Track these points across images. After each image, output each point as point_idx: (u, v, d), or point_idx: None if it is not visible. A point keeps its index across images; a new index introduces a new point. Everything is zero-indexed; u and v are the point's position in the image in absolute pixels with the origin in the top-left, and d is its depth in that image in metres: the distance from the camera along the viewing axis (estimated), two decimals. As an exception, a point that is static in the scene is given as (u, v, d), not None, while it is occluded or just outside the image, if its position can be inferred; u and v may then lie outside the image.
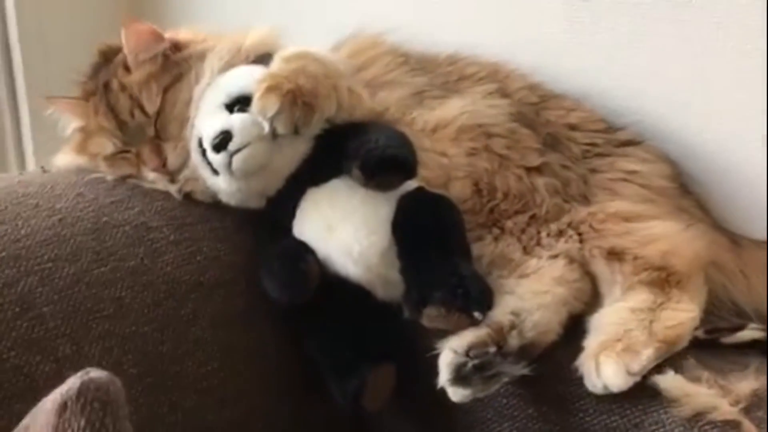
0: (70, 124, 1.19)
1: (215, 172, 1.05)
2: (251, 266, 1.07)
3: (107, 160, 1.13)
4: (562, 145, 1.14)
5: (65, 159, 1.19)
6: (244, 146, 1.00)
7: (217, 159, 1.01)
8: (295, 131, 0.99)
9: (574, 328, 0.98)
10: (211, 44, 1.13)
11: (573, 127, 1.16)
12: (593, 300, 1.01)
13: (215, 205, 1.11)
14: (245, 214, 1.12)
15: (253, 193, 1.08)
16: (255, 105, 0.98)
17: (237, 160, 1.00)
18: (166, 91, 1.10)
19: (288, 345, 1.05)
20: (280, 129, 0.97)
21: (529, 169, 1.10)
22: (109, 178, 1.12)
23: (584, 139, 1.15)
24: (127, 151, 1.13)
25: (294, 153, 1.05)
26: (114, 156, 1.13)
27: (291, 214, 1.07)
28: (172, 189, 1.11)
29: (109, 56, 1.16)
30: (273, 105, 0.96)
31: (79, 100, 1.15)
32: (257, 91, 0.98)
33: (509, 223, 1.07)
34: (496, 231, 1.07)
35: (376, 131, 1.01)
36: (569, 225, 1.04)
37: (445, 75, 1.25)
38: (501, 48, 1.33)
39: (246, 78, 1.06)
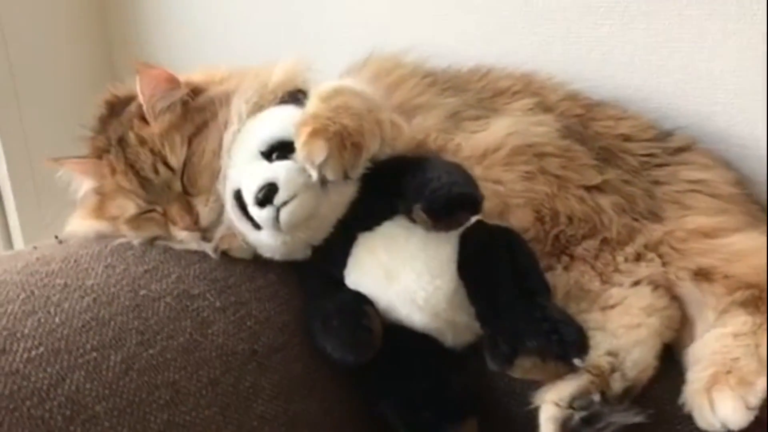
0: (82, 186, 1.08)
1: (257, 226, 0.96)
2: (304, 325, 0.97)
3: (130, 222, 1.03)
4: (618, 159, 1.07)
5: (81, 225, 1.07)
6: (291, 198, 0.91)
7: (262, 214, 0.92)
8: (345, 176, 0.89)
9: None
10: (233, 85, 1.03)
11: (626, 138, 1.10)
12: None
13: (255, 261, 1.02)
14: (289, 266, 1.02)
15: (299, 245, 0.99)
16: (300, 152, 0.89)
17: (285, 213, 0.91)
18: (190, 141, 1.00)
19: (356, 408, 0.96)
20: (330, 176, 0.88)
21: (589, 189, 1.03)
22: (136, 242, 1.01)
23: (640, 150, 1.09)
24: (152, 210, 1.02)
25: (341, 198, 0.97)
26: (138, 217, 1.03)
27: (342, 263, 0.99)
28: (208, 248, 1.01)
29: (116, 107, 1.06)
30: (320, 151, 0.87)
31: (90, 159, 1.05)
32: (300, 136, 0.89)
33: (579, 250, 0.99)
34: (565, 259, 0.99)
35: (433, 167, 0.93)
36: (646, 247, 0.96)
37: (477, 92, 1.17)
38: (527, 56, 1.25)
39: (282, 122, 0.97)
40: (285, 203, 0.91)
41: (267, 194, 0.91)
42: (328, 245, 0.99)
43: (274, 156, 0.96)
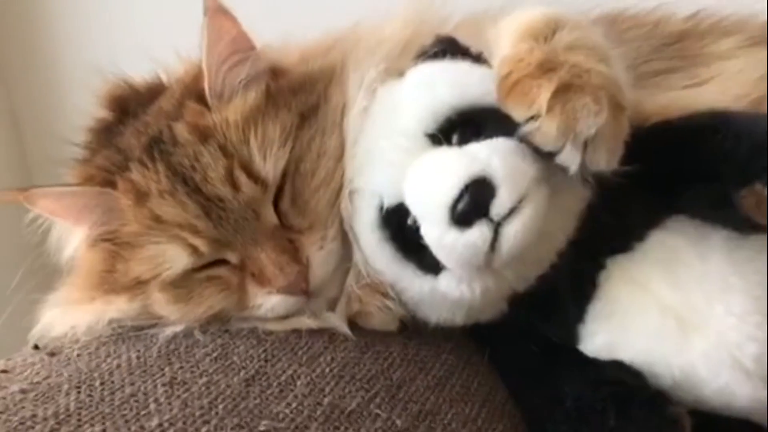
0: (71, 236, 0.64)
1: (431, 268, 0.52)
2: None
3: (172, 288, 0.60)
4: None
5: (76, 318, 0.61)
6: (521, 201, 0.48)
7: (465, 239, 0.50)
8: None
9: None
10: (338, 58, 0.64)
11: None
12: None
13: (411, 336, 0.58)
14: (464, 338, 0.59)
15: (502, 292, 0.55)
16: (548, 121, 0.50)
17: (513, 230, 0.49)
18: (294, 137, 0.58)
19: None
20: (604, 161, 0.50)
21: None
22: (198, 333, 0.56)
23: None
24: (216, 264, 0.59)
25: (573, 202, 0.55)
26: (187, 277, 0.59)
27: (576, 315, 0.58)
28: (337, 321, 0.56)
29: (131, 103, 0.64)
30: (593, 115, 0.49)
31: (90, 187, 0.60)
32: (533, 94, 0.51)
33: None
34: None
35: (746, 123, 0.53)
36: None
37: (646, 38, 0.82)
38: None
39: (461, 81, 0.55)
40: (511, 212, 0.48)
41: (477, 200, 0.48)
42: (546, 288, 0.56)
43: (454, 139, 0.52)
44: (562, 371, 0.58)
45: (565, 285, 0.58)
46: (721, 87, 0.71)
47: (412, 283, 0.57)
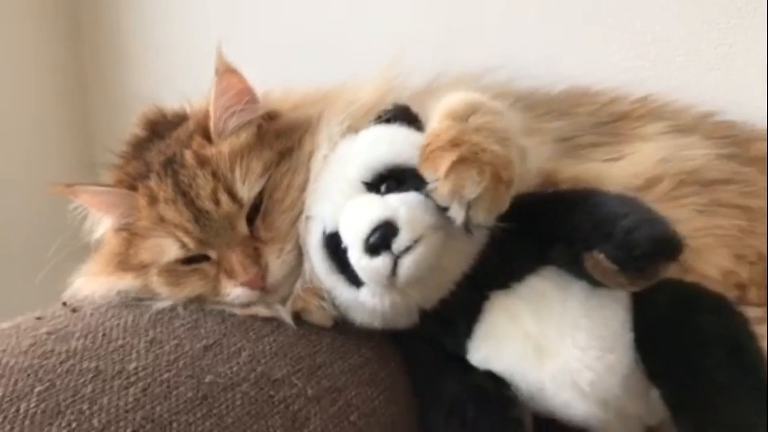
0: (101, 223, 0.83)
1: (356, 282, 0.70)
2: (420, 418, 0.71)
3: (167, 273, 0.78)
4: None
5: (96, 285, 0.80)
6: (416, 242, 0.66)
7: (373, 265, 0.67)
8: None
9: None
10: (317, 110, 0.81)
11: None
12: None
13: (342, 332, 0.76)
14: (386, 338, 0.77)
15: (410, 308, 0.73)
16: (443, 186, 0.66)
17: (408, 262, 0.67)
18: (270, 171, 0.76)
19: None
20: (482, 218, 0.66)
21: None
22: (181, 308, 0.75)
23: None
24: (200, 259, 0.77)
25: (470, 245, 0.73)
26: (178, 266, 0.77)
27: (464, 333, 0.75)
28: (284, 313, 0.74)
29: (160, 128, 0.82)
30: (474, 184, 0.64)
31: (118, 189, 0.79)
32: (437, 163, 0.67)
33: None
34: None
35: (609, 201, 0.69)
36: None
37: (588, 116, 0.97)
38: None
39: (394, 143, 0.73)
40: (407, 249, 0.66)
41: (382, 237, 0.66)
42: (446, 309, 0.74)
43: (382, 187, 0.71)
44: (449, 374, 0.75)
45: (460, 308, 0.74)
46: (628, 164, 0.86)
47: (342, 291, 0.74)
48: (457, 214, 0.66)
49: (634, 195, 0.73)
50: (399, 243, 0.67)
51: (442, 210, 0.68)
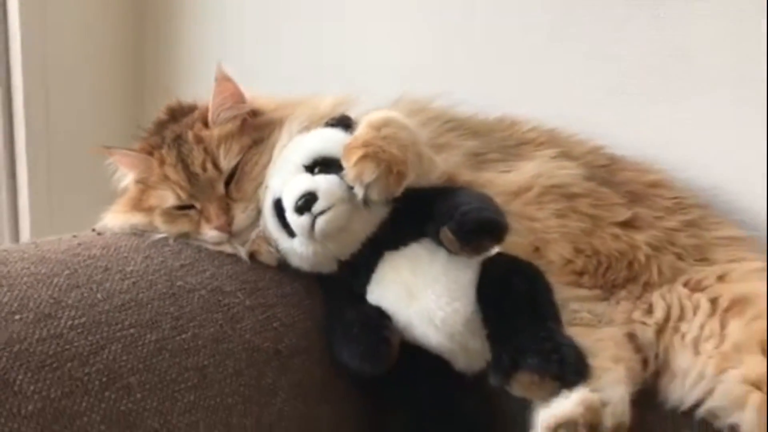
0: (126, 177, 1.15)
1: (291, 234, 1.01)
2: (325, 332, 1.02)
3: (165, 215, 1.09)
4: (648, 200, 1.14)
5: (117, 219, 1.13)
6: (329, 208, 0.97)
7: (299, 221, 0.98)
8: (386, 199, 0.97)
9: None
10: (288, 112, 1.11)
11: (654, 185, 1.17)
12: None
13: (284, 269, 1.07)
14: (315, 279, 1.07)
15: (328, 257, 1.04)
16: (350, 171, 0.95)
17: (321, 221, 0.97)
18: (244, 152, 1.07)
19: (370, 420, 0.99)
20: (375, 196, 0.95)
21: (623, 226, 1.10)
22: (172, 240, 1.08)
23: (670, 194, 1.16)
24: (189, 207, 1.08)
25: (373, 216, 1.02)
26: (173, 210, 1.08)
27: (366, 279, 1.04)
28: (241, 251, 1.06)
29: (177, 114, 1.14)
30: (370, 173, 0.94)
31: (140, 153, 1.11)
32: (351, 157, 0.96)
33: (623, 293, 1.07)
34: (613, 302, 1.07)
35: (465, 194, 0.99)
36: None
37: (501, 139, 1.24)
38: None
39: (327, 141, 1.04)
40: (322, 212, 0.97)
41: (306, 202, 0.97)
42: (355, 261, 1.04)
43: (316, 170, 1.02)
44: (351, 306, 1.04)
45: (363, 261, 1.03)
46: (512, 176, 1.12)
47: (283, 241, 1.04)
48: (358, 191, 0.96)
49: (490, 195, 1.02)
50: (316, 207, 0.97)
51: (350, 188, 0.99)
